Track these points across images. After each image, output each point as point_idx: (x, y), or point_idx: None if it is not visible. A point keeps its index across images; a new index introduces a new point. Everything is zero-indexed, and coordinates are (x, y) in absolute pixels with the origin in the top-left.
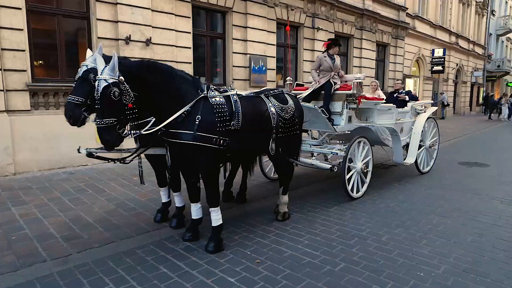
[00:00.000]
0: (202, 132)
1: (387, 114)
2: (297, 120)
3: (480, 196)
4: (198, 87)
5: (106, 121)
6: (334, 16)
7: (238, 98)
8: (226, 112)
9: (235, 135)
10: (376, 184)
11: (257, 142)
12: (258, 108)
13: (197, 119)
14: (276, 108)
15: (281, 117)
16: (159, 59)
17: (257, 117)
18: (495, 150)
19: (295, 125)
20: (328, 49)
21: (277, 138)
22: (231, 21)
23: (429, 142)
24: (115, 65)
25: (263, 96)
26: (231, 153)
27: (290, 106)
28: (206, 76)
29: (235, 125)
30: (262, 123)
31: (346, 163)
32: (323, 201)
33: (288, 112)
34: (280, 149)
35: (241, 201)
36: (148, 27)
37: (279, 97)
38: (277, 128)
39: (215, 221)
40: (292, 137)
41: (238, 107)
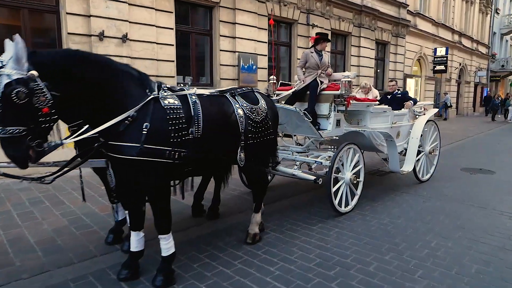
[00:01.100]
0: (152, 144)
1: (382, 117)
2: (270, 122)
3: (486, 210)
4: (146, 86)
5: (10, 130)
6: (331, 12)
7: (198, 99)
8: (182, 117)
9: (194, 145)
10: (369, 195)
11: (223, 151)
12: (223, 110)
13: (145, 127)
14: (244, 110)
15: (251, 120)
16: (137, 56)
17: (222, 121)
18: (500, 154)
19: (268, 128)
20: (316, 45)
21: (247, 145)
22: (218, 17)
23: (429, 147)
24: (19, 54)
25: (228, 96)
26: (191, 167)
27: (262, 106)
28: (191, 76)
29: (194, 133)
30: (227, 128)
31: (331, 174)
32: (306, 217)
33: (259, 114)
34: (252, 158)
35: (213, 216)
36: (125, 22)
37: (249, 97)
38: (247, 133)
39: (166, 250)
40: (265, 143)
41: (197, 110)
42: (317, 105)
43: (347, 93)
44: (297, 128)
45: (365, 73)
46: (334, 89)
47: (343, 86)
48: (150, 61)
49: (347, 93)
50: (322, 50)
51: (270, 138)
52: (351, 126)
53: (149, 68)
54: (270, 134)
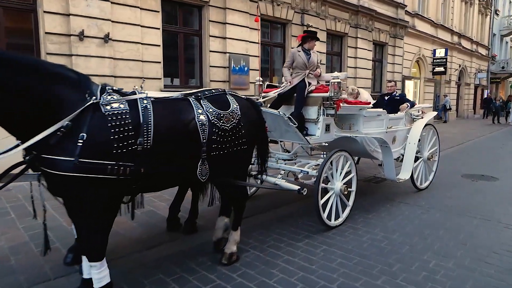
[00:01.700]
0: (89, 158)
1: (376, 121)
2: (244, 131)
3: (490, 223)
4: (86, 90)
5: None
6: (326, 12)
7: (151, 104)
8: (128, 124)
9: (144, 157)
10: (363, 205)
11: (179, 164)
12: (180, 117)
13: (81, 138)
14: (209, 116)
15: (218, 127)
16: (121, 57)
17: (177, 129)
18: (503, 158)
19: (241, 137)
20: (303, 43)
21: (210, 158)
22: (208, 17)
23: (428, 153)
24: None
25: (192, 100)
26: (142, 182)
27: (234, 112)
28: (179, 78)
29: (143, 143)
30: (185, 137)
31: (319, 185)
32: (291, 231)
33: (229, 121)
34: (218, 172)
35: (189, 230)
36: (107, 22)
37: (217, 100)
38: (210, 143)
39: (98, 281)
40: (237, 155)
41: (148, 116)
42: (305, 109)
43: (336, 96)
44: (284, 134)
45: (362, 75)
46: (322, 91)
47: (332, 88)
48: (134, 62)
49: (337, 95)
50: (310, 49)
51: (242, 149)
52: (342, 131)
53: (134, 69)
54: (243, 144)
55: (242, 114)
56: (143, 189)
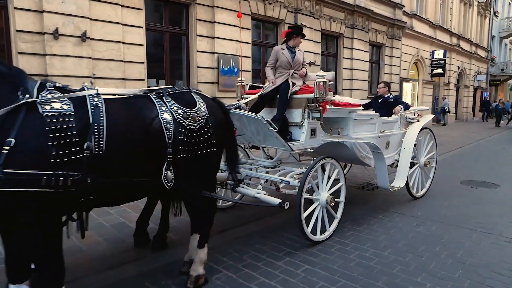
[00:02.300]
0: (18, 168)
1: (367, 124)
2: (212, 131)
3: (491, 237)
4: (19, 87)
5: None
6: (321, 12)
7: (103, 102)
8: (72, 127)
9: (94, 164)
10: (353, 216)
11: (139, 171)
12: (140, 115)
13: (7, 144)
14: (174, 114)
15: (184, 127)
16: (101, 57)
17: (138, 129)
18: (504, 163)
19: (209, 139)
20: (288, 40)
21: (177, 160)
22: (195, 15)
23: (424, 158)
24: None
25: (153, 97)
26: (91, 194)
27: (200, 111)
28: (165, 79)
29: (93, 149)
30: (147, 138)
31: (301, 196)
32: (272, 247)
33: (196, 120)
34: (185, 177)
35: (158, 246)
36: (85, 19)
37: (183, 98)
38: (176, 144)
39: None
40: (205, 158)
41: (99, 116)
42: (289, 111)
43: (322, 97)
44: (266, 139)
45: (358, 77)
46: (307, 92)
47: (317, 89)
48: (116, 62)
49: (322, 96)
50: (296, 46)
51: (212, 152)
52: (330, 136)
53: (115, 70)
54: (212, 146)
55: (210, 114)
56: (97, 203)
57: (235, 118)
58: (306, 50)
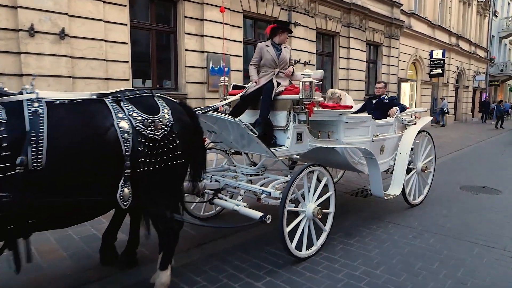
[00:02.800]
0: None
1: (360, 128)
2: (178, 141)
3: (494, 251)
4: None
5: None
6: (316, 10)
7: (45, 107)
8: (2, 139)
9: (30, 183)
10: (345, 227)
11: (89, 189)
12: (91, 124)
13: None
14: (133, 122)
15: (145, 136)
16: (81, 56)
17: (88, 140)
18: (505, 166)
19: (175, 149)
20: (273, 36)
21: (136, 175)
22: (183, 12)
23: (422, 163)
24: None
25: (108, 102)
26: (32, 219)
27: (164, 118)
28: (151, 79)
29: (28, 164)
30: (99, 150)
31: (284, 209)
32: (253, 264)
33: (159, 128)
34: (147, 194)
35: (126, 264)
36: (63, 16)
37: (143, 103)
38: (136, 156)
39: None
40: (172, 171)
41: (38, 125)
42: (273, 114)
43: (308, 98)
44: (251, 144)
45: (355, 77)
46: (292, 93)
47: (303, 89)
48: (97, 61)
49: (309, 97)
50: (282, 43)
51: (178, 163)
52: (318, 141)
53: (97, 69)
54: (178, 157)
55: (176, 121)
56: (36, 227)
57: (213, 122)
58: (300, 50)
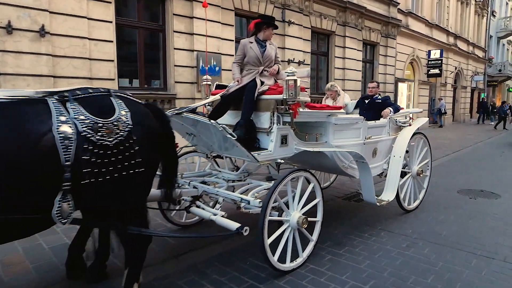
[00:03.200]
0: None
1: (350, 130)
2: (137, 147)
3: (494, 262)
4: None
5: None
6: (310, 8)
7: None
8: None
9: None
10: (334, 235)
11: (16, 206)
12: (23, 129)
13: None
14: (79, 126)
15: (93, 142)
16: (63, 55)
17: (15, 150)
18: (504, 169)
19: (133, 157)
20: (257, 32)
21: (81, 189)
22: (172, 10)
23: (417, 167)
24: None
25: (52, 102)
26: None
27: (120, 121)
28: (139, 79)
29: None
30: (29, 161)
31: (264, 219)
32: (232, 278)
33: (112, 133)
34: (95, 207)
35: (95, 278)
36: (43, 12)
37: (95, 104)
38: (79, 166)
39: None
40: (126, 182)
41: None
42: (256, 115)
43: (292, 98)
44: (230, 148)
45: (351, 77)
46: (276, 93)
47: (287, 88)
48: (80, 60)
49: (293, 97)
50: (266, 39)
51: (136, 173)
52: (305, 144)
53: (80, 68)
54: (137, 165)
55: (136, 124)
56: None
57: (190, 123)
58: (295, 49)
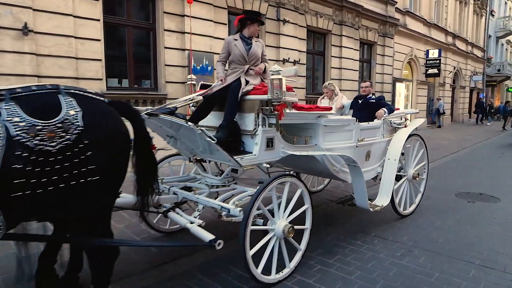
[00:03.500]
0: None
1: (342, 132)
2: (90, 152)
3: (495, 273)
4: None
5: None
6: (306, 7)
7: None
8: None
9: None
10: (324, 242)
11: None
12: None
13: None
14: (12, 130)
15: (29, 148)
16: (47, 54)
17: None
18: (503, 171)
19: (83, 164)
20: (242, 29)
21: (12, 201)
22: (162, 8)
23: (413, 170)
24: None
25: None
26: None
27: (67, 122)
28: (128, 78)
29: None
30: None
31: (246, 230)
32: None
33: (55, 137)
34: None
35: None
36: (26, 10)
37: (37, 103)
38: (9, 177)
39: None
40: (74, 192)
41: None
42: (241, 117)
43: (277, 99)
44: (213, 151)
45: (348, 77)
46: (260, 93)
47: (272, 87)
48: (66, 59)
49: (278, 98)
50: (252, 36)
51: (89, 182)
52: (292, 147)
53: (66, 68)
54: (89, 173)
55: (89, 125)
56: None
57: (168, 125)
58: (290, 48)
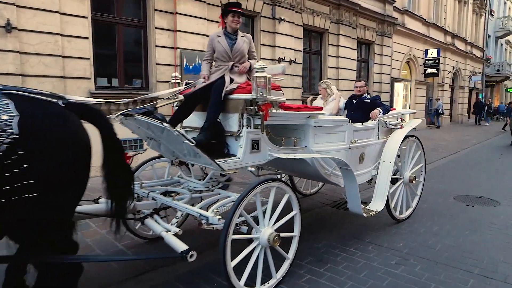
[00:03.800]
0: None
1: (334, 133)
2: (26, 165)
3: (495, 283)
4: None
5: None
6: (302, 5)
7: None
8: None
9: None
10: (316, 249)
11: None
12: None
13: None
14: None
15: None
16: (32, 52)
17: None
18: (503, 173)
19: (17, 179)
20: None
21: None
22: (153, 5)
23: (410, 173)
24: None
25: None
26: None
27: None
28: (118, 78)
29: None
30: None
31: (226, 239)
32: None
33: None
34: None
35: None
36: (9, 6)
37: None
38: None
39: None
40: (9, 212)
41: None
42: (225, 117)
43: (262, 98)
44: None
45: (345, 76)
46: (244, 91)
47: (257, 86)
48: (52, 58)
49: (263, 97)
50: (234, 29)
51: (24, 199)
52: (280, 150)
53: (52, 67)
54: (25, 189)
55: (27, 133)
56: None
57: (146, 127)
58: (286, 47)
